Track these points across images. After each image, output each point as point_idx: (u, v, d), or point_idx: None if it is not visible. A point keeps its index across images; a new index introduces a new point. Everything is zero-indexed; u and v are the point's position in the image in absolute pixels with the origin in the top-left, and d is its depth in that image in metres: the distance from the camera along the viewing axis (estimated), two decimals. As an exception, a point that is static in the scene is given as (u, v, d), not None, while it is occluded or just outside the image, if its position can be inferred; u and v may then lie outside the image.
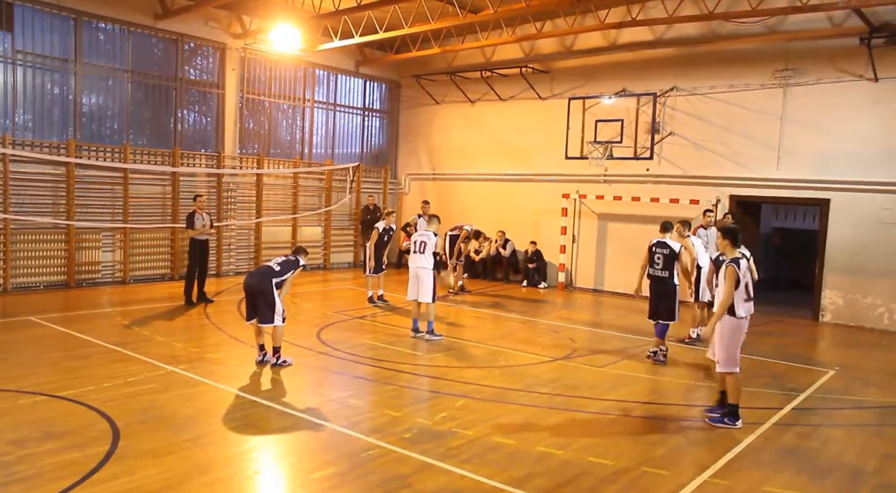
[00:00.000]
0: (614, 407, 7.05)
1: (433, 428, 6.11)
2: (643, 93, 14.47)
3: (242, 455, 5.44)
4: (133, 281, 14.01)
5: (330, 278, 16.36)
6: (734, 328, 6.51)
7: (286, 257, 8.35)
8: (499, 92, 17.27)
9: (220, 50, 15.58)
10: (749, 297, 6.58)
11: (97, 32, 13.79)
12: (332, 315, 11.49)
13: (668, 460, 5.65)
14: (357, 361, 8.51)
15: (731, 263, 6.47)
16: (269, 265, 8.17)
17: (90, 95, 13.87)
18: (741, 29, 13.55)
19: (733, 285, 6.40)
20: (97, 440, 5.45)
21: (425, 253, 9.92)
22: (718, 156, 14.08)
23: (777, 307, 13.90)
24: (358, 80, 18.94)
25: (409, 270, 10.14)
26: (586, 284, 16.03)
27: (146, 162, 14.26)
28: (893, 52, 12.06)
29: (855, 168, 12.53)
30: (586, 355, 9.39)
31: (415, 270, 9.95)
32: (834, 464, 5.73)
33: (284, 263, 8.21)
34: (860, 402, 7.71)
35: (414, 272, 9.95)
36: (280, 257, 8.38)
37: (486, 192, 17.70)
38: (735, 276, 6.41)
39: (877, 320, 12.44)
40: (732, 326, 6.51)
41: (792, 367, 9.15)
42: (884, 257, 12.27)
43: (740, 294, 6.47)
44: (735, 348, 6.55)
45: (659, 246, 9.19)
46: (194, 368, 7.78)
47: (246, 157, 16.25)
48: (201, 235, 11.73)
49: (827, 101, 12.80)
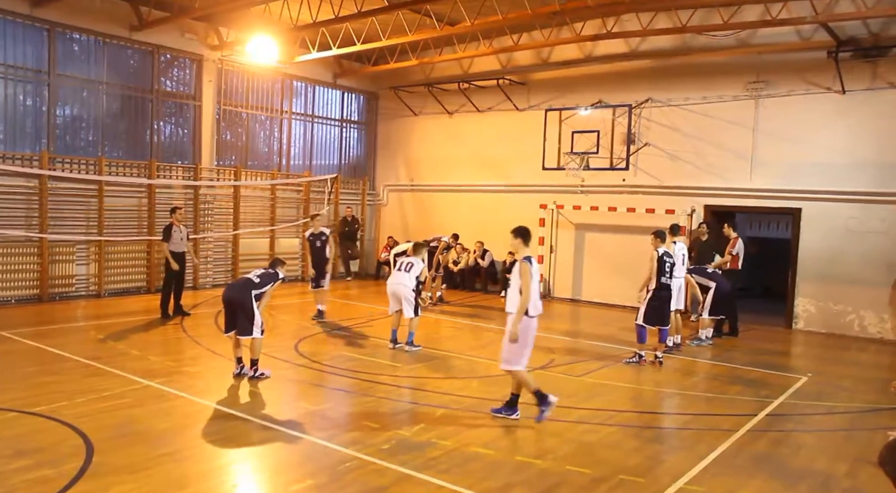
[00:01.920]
0: (592, 416, 7.10)
1: (412, 439, 6.11)
2: (619, 104, 14.66)
3: (220, 469, 5.40)
4: (108, 294, 13.84)
5: (308, 290, 16.23)
6: (524, 328, 6.60)
7: (265, 270, 8.34)
8: (476, 103, 17.39)
9: (197, 61, 15.52)
10: (540, 296, 6.74)
11: (72, 43, 13.68)
12: (310, 327, 11.44)
13: (644, 467, 5.70)
14: (335, 372, 8.49)
15: (525, 260, 6.56)
16: (249, 277, 8.15)
17: (64, 107, 13.73)
18: (714, 42, 13.80)
19: (529, 282, 6.47)
20: (70, 456, 5.38)
21: (410, 273, 9.90)
22: (693, 166, 14.30)
23: (751, 315, 14.05)
24: (336, 91, 18.96)
25: (387, 284, 10.10)
26: (564, 294, 16.13)
27: (122, 174, 14.13)
28: (860, 66, 12.37)
29: (824, 178, 12.79)
30: (564, 365, 9.45)
31: (395, 286, 9.87)
32: (806, 469, 5.82)
33: (264, 275, 8.20)
34: (832, 407, 7.84)
35: (393, 289, 9.89)
36: (259, 270, 8.36)
37: (464, 203, 17.77)
38: (529, 273, 6.50)
39: (847, 327, 12.67)
40: (523, 325, 6.59)
41: (766, 374, 9.29)
42: (853, 265, 12.53)
43: (535, 293, 6.58)
44: (527, 345, 6.65)
45: (667, 256, 9.50)
46: (171, 382, 7.71)
47: (223, 168, 16.18)
48: (178, 246, 11.64)
49: (797, 112, 13.08)
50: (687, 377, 9.21)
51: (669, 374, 9.15)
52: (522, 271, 6.48)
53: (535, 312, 6.61)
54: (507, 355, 6.66)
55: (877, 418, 7.47)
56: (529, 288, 6.46)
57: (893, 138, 12.17)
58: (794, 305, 13.27)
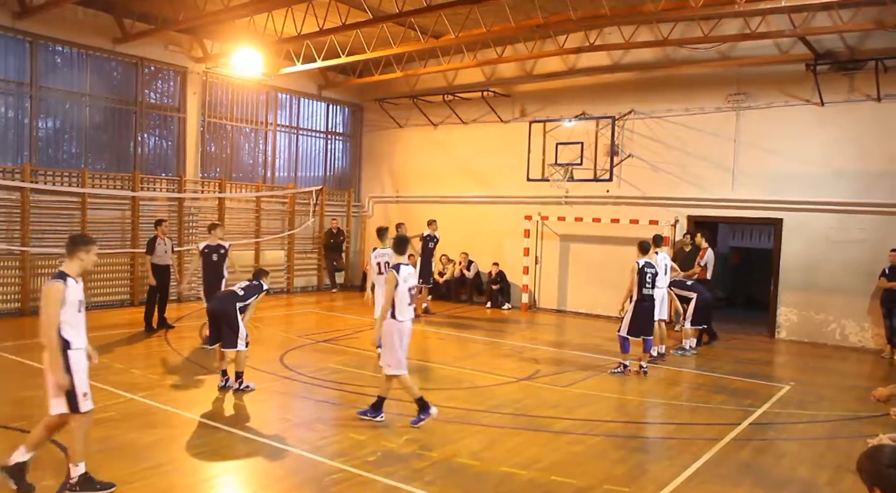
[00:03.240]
0: (577, 426, 7.12)
1: (398, 451, 6.11)
2: (602, 116, 14.79)
3: (205, 483, 5.37)
4: (91, 307, 13.70)
5: (293, 302, 16.23)
6: (396, 332, 6.80)
7: (249, 282, 8.33)
8: (461, 115, 17.48)
9: (181, 74, 15.50)
10: (411, 301, 6.93)
11: (54, 55, 13.62)
12: (296, 339, 11.40)
13: (629, 476, 5.73)
14: (321, 385, 8.46)
15: (392, 268, 6.82)
16: (233, 290, 8.17)
17: (47, 119, 13.65)
18: (695, 55, 13.99)
19: (393, 288, 6.72)
20: (52, 471, 5.32)
21: None
22: (676, 177, 14.44)
23: (735, 325, 14.22)
24: (320, 103, 18.99)
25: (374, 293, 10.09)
26: (549, 304, 16.19)
27: (105, 186, 14.04)
28: (837, 79, 12.59)
29: (805, 189, 12.97)
30: (550, 375, 9.48)
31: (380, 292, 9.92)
32: (788, 477, 5.88)
33: (248, 287, 8.21)
34: (814, 416, 7.92)
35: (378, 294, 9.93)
36: (244, 282, 8.36)
37: (449, 214, 17.77)
38: (394, 280, 6.73)
39: (829, 336, 12.81)
40: (394, 329, 6.79)
41: (749, 383, 9.37)
42: (834, 275, 12.69)
43: (402, 298, 6.78)
44: (398, 349, 6.81)
45: (648, 266, 9.57)
46: (154, 395, 7.65)
47: (208, 181, 16.13)
48: (162, 259, 11.58)
49: (777, 124, 13.26)
50: (671, 387, 9.27)
51: (654, 384, 9.21)
52: (388, 278, 6.80)
53: (402, 316, 6.83)
54: (385, 360, 6.89)
55: (858, 425, 7.55)
56: (390, 296, 6.76)
57: (871, 149, 12.38)
58: (776, 314, 13.40)
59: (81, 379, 4.95)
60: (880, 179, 12.30)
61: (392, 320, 6.79)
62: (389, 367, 6.84)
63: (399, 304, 6.80)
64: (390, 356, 6.82)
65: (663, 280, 10.45)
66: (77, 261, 5.13)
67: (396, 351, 6.80)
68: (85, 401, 4.93)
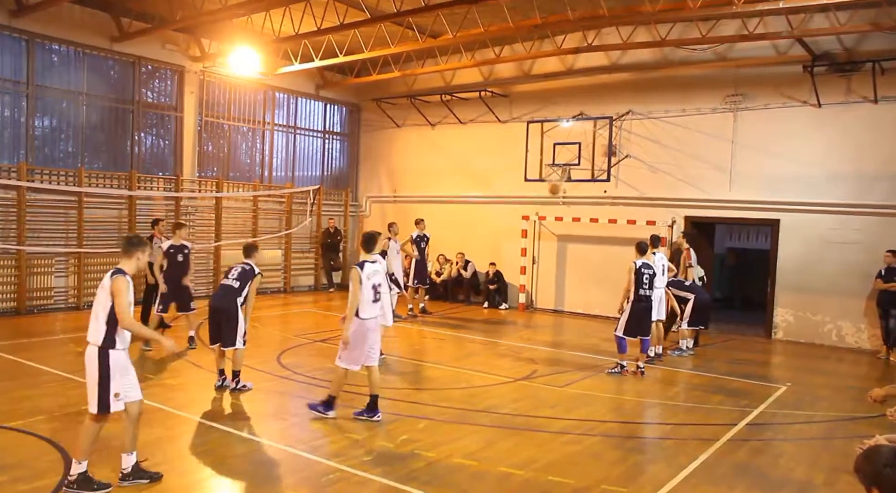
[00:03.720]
0: (574, 426, 7.12)
1: (395, 451, 6.10)
2: (599, 116, 14.81)
3: (202, 483, 5.35)
4: (88, 307, 13.63)
5: (291, 302, 16.21)
6: (359, 329, 6.79)
7: (241, 268, 8.13)
8: (458, 115, 17.47)
9: (179, 73, 15.47)
10: (376, 299, 6.92)
11: (51, 54, 13.59)
12: (293, 339, 11.39)
13: (626, 477, 5.73)
14: (318, 384, 8.44)
15: (357, 265, 6.77)
16: (228, 284, 8.00)
17: (43, 118, 13.62)
18: (692, 56, 14.01)
19: (357, 286, 6.67)
20: (47, 471, 5.31)
21: None
22: (673, 178, 14.45)
23: (732, 326, 14.25)
24: (318, 103, 18.97)
25: None
26: (547, 304, 16.19)
27: (102, 185, 14.01)
28: (834, 80, 12.60)
29: (802, 190, 12.99)
30: (547, 376, 9.48)
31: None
32: (785, 478, 5.88)
33: (241, 275, 8.04)
34: (810, 416, 7.93)
35: None
36: (235, 270, 8.15)
37: (446, 214, 17.79)
38: (358, 277, 6.71)
39: (826, 337, 12.83)
40: (357, 326, 6.78)
41: (746, 383, 9.38)
42: (830, 276, 12.71)
43: (367, 296, 6.76)
44: (357, 346, 6.81)
45: (645, 267, 9.59)
46: (151, 394, 7.60)
47: (205, 180, 16.10)
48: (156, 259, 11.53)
49: (775, 125, 13.28)
50: (668, 387, 9.28)
51: (651, 384, 9.21)
52: (351, 276, 6.77)
53: (365, 314, 6.81)
54: (343, 354, 6.87)
55: (854, 426, 7.56)
56: (356, 294, 6.70)
57: (869, 151, 12.40)
58: (773, 315, 13.42)
59: (117, 380, 5.07)
60: (876, 180, 12.32)
61: (355, 318, 6.76)
62: (340, 359, 6.86)
63: (363, 302, 6.76)
64: (348, 351, 6.80)
65: (661, 281, 10.46)
66: (134, 261, 5.33)
67: (353, 349, 6.78)
68: (116, 402, 5.07)
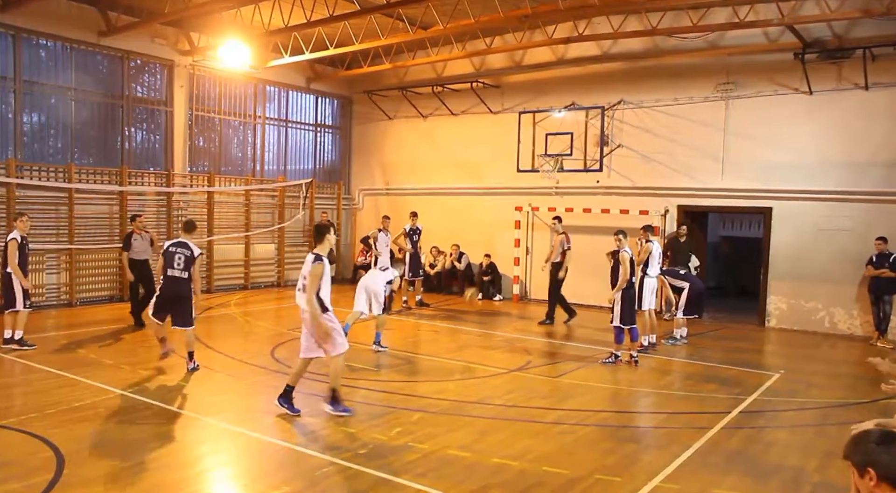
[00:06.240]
0: (568, 417, 7.13)
1: (389, 443, 6.10)
2: (591, 106, 14.77)
3: (195, 478, 5.34)
4: (79, 303, 13.62)
5: (284, 296, 16.15)
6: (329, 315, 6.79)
7: (184, 256, 8.30)
8: (450, 106, 17.42)
9: (168, 67, 15.36)
10: None
11: (38, 49, 13.46)
12: (287, 333, 11.35)
13: (620, 466, 5.74)
14: (311, 378, 8.40)
15: (317, 259, 6.62)
16: (177, 275, 8.30)
17: (31, 114, 13.51)
18: (683, 44, 13.97)
19: (318, 280, 6.57)
20: (39, 469, 5.27)
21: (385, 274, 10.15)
22: (666, 167, 14.45)
23: (725, 314, 14.29)
24: (309, 96, 18.88)
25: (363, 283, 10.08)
26: (541, 295, 16.15)
27: (92, 181, 13.92)
28: (825, 68, 12.60)
29: (794, 178, 13.00)
30: (541, 366, 9.49)
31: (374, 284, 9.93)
32: (778, 465, 5.90)
33: (186, 264, 8.32)
34: (803, 403, 7.96)
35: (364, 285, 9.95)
36: (179, 258, 8.29)
37: (439, 206, 17.76)
38: (318, 273, 6.63)
39: (818, 324, 12.88)
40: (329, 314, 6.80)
41: (739, 371, 9.40)
42: (822, 263, 12.75)
43: (326, 290, 6.72)
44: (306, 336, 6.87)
45: None
46: (143, 391, 7.61)
47: (196, 174, 16.01)
48: (140, 254, 11.49)
49: (766, 113, 13.28)
50: (662, 376, 9.30)
51: (645, 373, 9.23)
52: (313, 270, 6.53)
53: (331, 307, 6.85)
54: (303, 346, 6.91)
55: (846, 413, 7.59)
56: (314, 288, 6.55)
57: (860, 138, 12.42)
58: (766, 303, 13.46)
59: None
60: (867, 167, 12.34)
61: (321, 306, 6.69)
62: (303, 351, 6.89)
63: (325, 295, 6.69)
64: (334, 336, 6.72)
65: (654, 269, 10.48)
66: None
67: (337, 334, 6.77)
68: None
